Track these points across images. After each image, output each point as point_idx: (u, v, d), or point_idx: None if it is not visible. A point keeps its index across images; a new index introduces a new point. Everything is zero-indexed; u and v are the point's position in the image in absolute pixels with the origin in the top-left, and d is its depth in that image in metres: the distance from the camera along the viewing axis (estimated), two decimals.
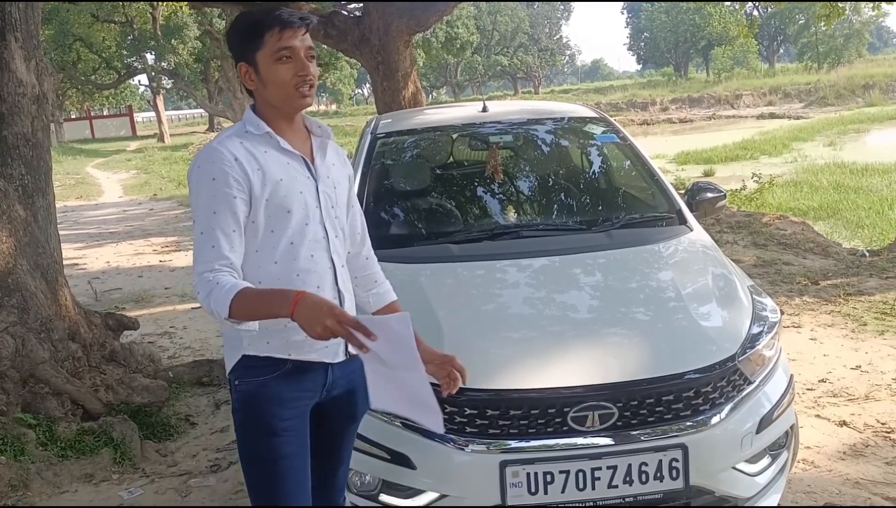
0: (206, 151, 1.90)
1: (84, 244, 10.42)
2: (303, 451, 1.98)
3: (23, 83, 4.12)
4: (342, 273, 2.02)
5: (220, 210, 1.84)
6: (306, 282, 1.92)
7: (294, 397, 1.94)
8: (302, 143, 2.01)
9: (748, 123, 29.99)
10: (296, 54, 1.89)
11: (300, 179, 1.95)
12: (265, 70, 1.90)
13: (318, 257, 1.95)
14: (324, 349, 1.95)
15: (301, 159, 1.97)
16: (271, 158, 1.92)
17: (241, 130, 1.95)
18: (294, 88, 1.90)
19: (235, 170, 1.85)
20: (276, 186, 1.89)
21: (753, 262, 6.82)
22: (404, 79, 8.63)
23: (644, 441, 2.33)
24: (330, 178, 2.02)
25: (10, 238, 3.89)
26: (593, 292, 2.91)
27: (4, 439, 3.61)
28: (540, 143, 4.29)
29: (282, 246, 1.91)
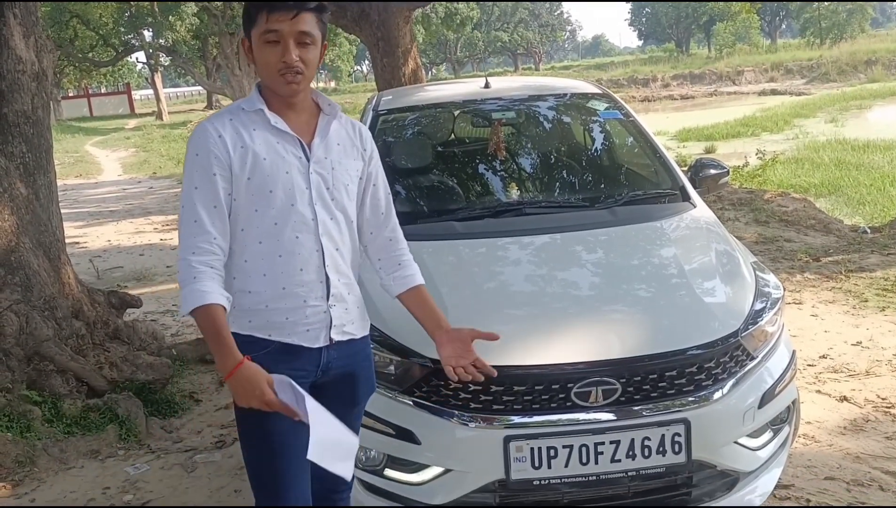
0: (196, 128, 1.93)
1: (84, 223, 10.42)
2: (297, 427, 1.94)
3: (22, 60, 4.09)
4: (334, 256, 1.99)
5: (201, 186, 1.87)
6: (289, 264, 1.93)
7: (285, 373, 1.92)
8: (306, 121, 1.98)
9: (750, 99, 29.86)
10: (283, 39, 1.86)
11: (288, 158, 1.92)
12: (256, 50, 1.91)
13: (303, 239, 1.94)
14: (304, 332, 1.97)
15: (294, 139, 1.94)
16: (259, 136, 1.91)
17: (237, 106, 1.97)
18: (277, 73, 1.88)
19: (218, 147, 1.87)
20: (259, 165, 1.89)
21: (755, 239, 6.83)
22: (404, 55, 8.58)
23: (647, 416, 2.35)
24: (328, 158, 1.98)
25: (12, 216, 3.89)
26: (596, 269, 2.91)
27: (10, 416, 3.64)
28: (542, 119, 4.28)
29: (265, 225, 1.91)
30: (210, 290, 1.81)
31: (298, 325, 1.95)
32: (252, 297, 1.94)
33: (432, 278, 2.75)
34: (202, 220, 1.85)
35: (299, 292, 1.95)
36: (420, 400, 2.42)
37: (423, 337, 2.44)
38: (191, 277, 1.82)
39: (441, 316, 2.19)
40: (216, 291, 1.83)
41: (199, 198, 1.86)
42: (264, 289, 1.93)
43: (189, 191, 1.87)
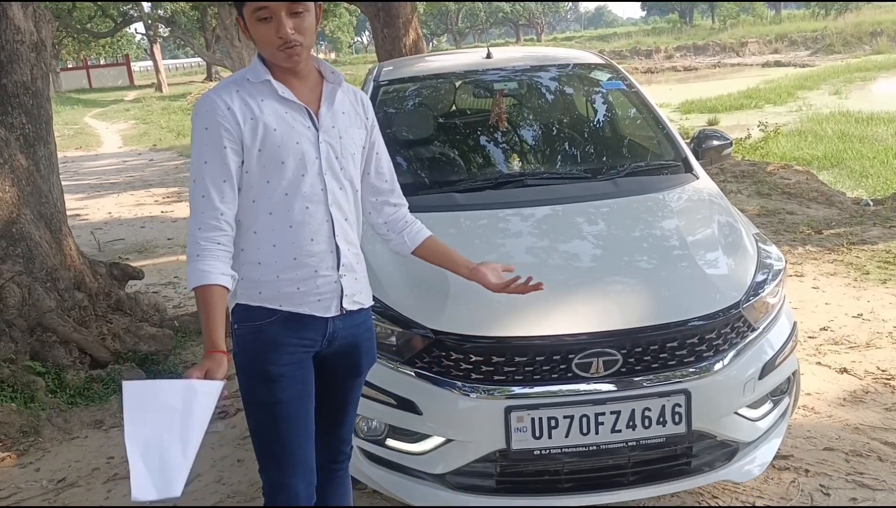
0: (202, 100, 1.89)
1: (85, 195, 10.41)
2: (302, 397, 2.00)
3: (21, 30, 4.06)
4: (343, 226, 1.99)
5: (210, 160, 1.85)
6: (300, 234, 1.92)
7: (292, 342, 1.96)
8: (310, 89, 1.96)
9: (753, 71, 29.61)
10: (275, 14, 1.82)
11: (298, 128, 1.91)
12: (251, 28, 1.88)
13: (313, 209, 1.93)
14: (316, 302, 1.97)
15: (302, 109, 1.93)
16: (267, 107, 1.89)
17: (242, 77, 1.93)
18: (277, 48, 1.85)
19: (227, 120, 1.85)
20: (269, 137, 1.87)
21: (757, 211, 6.81)
22: (405, 26, 8.51)
23: (647, 387, 2.36)
24: (336, 127, 1.97)
25: (12, 187, 3.89)
26: (598, 241, 2.91)
27: (14, 386, 3.67)
28: (545, 90, 4.24)
29: (276, 197, 1.90)
30: (210, 269, 1.82)
31: (309, 295, 1.96)
32: (262, 268, 1.93)
33: None
34: (210, 195, 1.84)
35: (310, 263, 1.95)
36: (421, 371, 2.43)
37: (424, 308, 2.46)
38: (195, 254, 1.83)
39: (463, 257, 2.28)
40: (217, 270, 1.83)
41: (209, 173, 1.85)
42: (275, 260, 1.93)
43: (199, 165, 1.86)
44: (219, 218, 1.85)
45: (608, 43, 47.29)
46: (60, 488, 3.22)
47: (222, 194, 1.85)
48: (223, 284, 1.83)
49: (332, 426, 2.18)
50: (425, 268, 2.63)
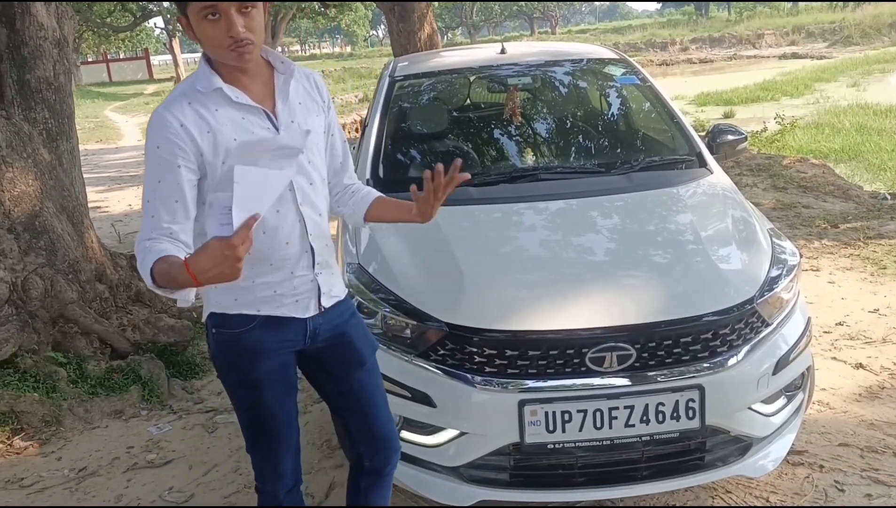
0: (154, 117, 1.78)
1: (105, 188, 10.50)
2: (284, 397, 2.01)
3: (44, 27, 4.11)
4: (316, 222, 1.94)
5: (164, 179, 1.75)
6: (274, 239, 1.87)
7: (273, 347, 1.94)
8: (263, 84, 1.87)
9: (770, 63, 29.38)
10: (223, 12, 1.71)
11: (258, 132, 1.83)
12: (196, 28, 1.75)
13: (284, 211, 1.87)
14: (293, 303, 1.94)
15: (258, 111, 1.84)
16: (223, 116, 1.79)
17: (191, 87, 1.81)
18: (224, 47, 1.74)
19: (181, 138, 1.74)
20: (230, 148, 1.78)
21: (773, 205, 6.78)
22: (420, 20, 8.53)
23: (661, 382, 2.37)
24: (295, 122, 1.89)
25: (36, 181, 3.95)
26: (611, 235, 2.92)
27: (37, 377, 3.73)
28: (559, 85, 4.26)
29: None
30: (161, 249, 1.66)
31: (287, 296, 1.93)
32: None
33: (447, 243, 2.77)
34: (160, 216, 1.74)
35: (286, 265, 1.91)
36: (436, 364, 2.45)
37: (438, 301, 2.48)
38: (142, 256, 1.68)
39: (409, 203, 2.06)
40: (169, 250, 1.67)
41: (161, 193, 1.74)
42: (251, 267, 1.84)
43: (152, 185, 1.76)
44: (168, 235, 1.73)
45: (623, 35, 47.02)
46: (81, 477, 3.28)
47: (173, 214, 1.75)
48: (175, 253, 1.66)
49: (370, 426, 2.16)
50: (440, 261, 2.66)
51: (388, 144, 3.60)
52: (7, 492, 3.20)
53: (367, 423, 2.15)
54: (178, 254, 1.66)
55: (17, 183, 3.85)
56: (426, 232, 2.88)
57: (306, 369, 2.09)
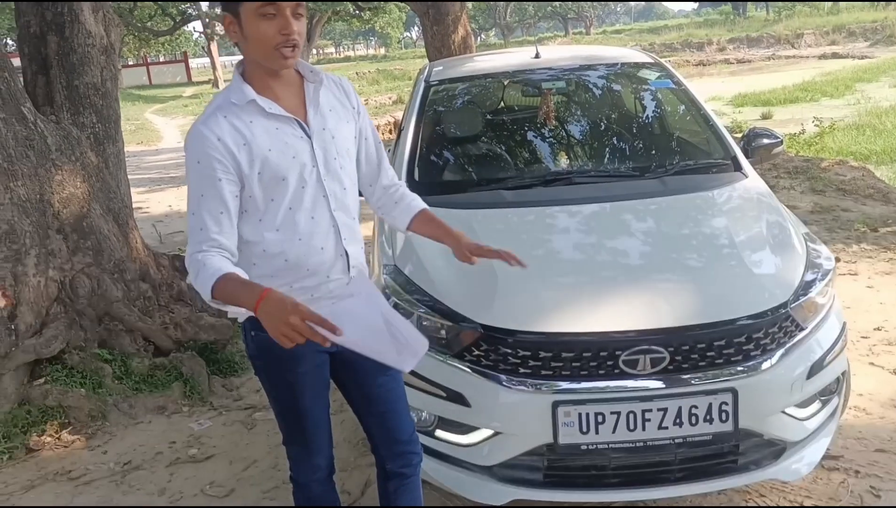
0: (192, 132, 1.85)
1: (146, 189, 10.71)
2: (319, 396, 2.09)
3: (92, 34, 4.25)
4: (350, 227, 2.01)
5: (206, 193, 1.82)
6: (310, 245, 1.93)
7: (309, 350, 1.94)
8: (294, 94, 1.94)
9: (809, 63, 28.87)
10: (281, 11, 1.78)
11: (291, 142, 1.89)
12: (248, 25, 1.81)
13: (318, 217, 1.94)
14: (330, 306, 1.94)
15: (291, 121, 1.90)
16: (258, 127, 1.86)
17: (226, 100, 1.88)
18: (274, 47, 1.81)
19: (219, 151, 1.81)
20: (266, 159, 1.85)
21: (811, 208, 6.71)
22: (454, 23, 8.57)
23: (695, 385, 2.38)
24: (326, 129, 1.95)
25: (83, 184, 4.08)
26: (646, 238, 2.93)
27: (84, 373, 3.85)
28: (593, 88, 4.28)
29: (281, 213, 1.90)
30: (220, 266, 1.76)
31: (323, 299, 1.97)
32: (275, 280, 1.92)
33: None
34: (208, 228, 1.82)
35: (322, 270, 1.97)
36: (470, 364, 2.48)
37: (473, 302, 2.52)
38: (196, 269, 1.78)
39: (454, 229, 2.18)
40: (227, 267, 1.77)
41: (206, 206, 1.82)
42: (288, 272, 1.94)
43: (196, 199, 1.84)
44: (217, 246, 1.82)
45: (659, 36, 46.57)
46: (126, 470, 3.39)
47: (220, 226, 1.83)
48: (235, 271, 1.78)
49: (388, 431, 2.21)
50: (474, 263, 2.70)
51: (424, 148, 3.65)
52: (56, 484, 3.32)
53: (387, 427, 2.21)
54: (235, 270, 1.76)
55: (66, 185, 3.98)
56: None
57: (333, 370, 2.15)
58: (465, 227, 2.95)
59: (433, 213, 2.25)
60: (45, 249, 3.91)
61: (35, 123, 3.91)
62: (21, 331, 3.76)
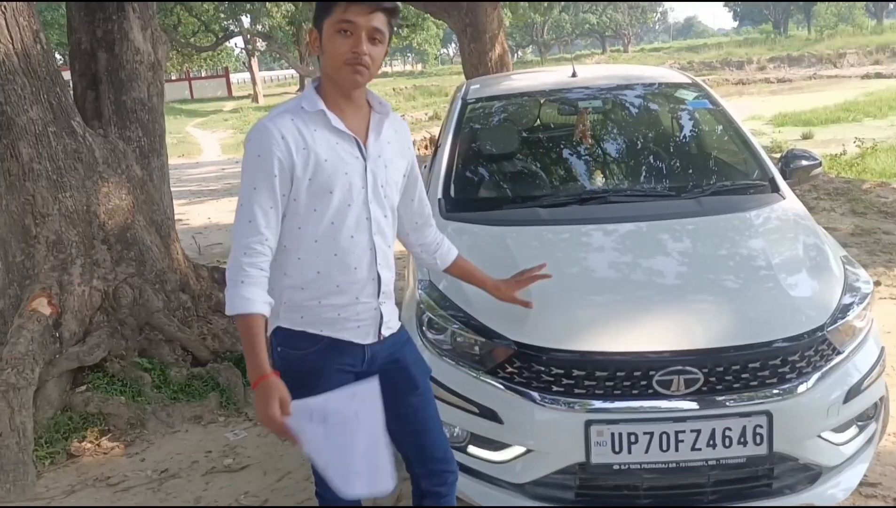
0: (257, 127, 1.93)
1: (187, 201, 10.89)
2: None
3: (140, 51, 4.39)
4: (385, 253, 2.05)
5: (259, 187, 1.88)
6: (344, 262, 1.97)
7: (334, 369, 2.03)
8: (360, 119, 2.01)
9: (852, 83, 28.40)
10: (356, 30, 1.87)
11: (347, 159, 1.95)
12: (326, 39, 1.91)
13: (358, 238, 1.98)
14: (355, 328, 2.04)
15: (352, 139, 1.97)
16: (320, 137, 1.93)
17: (297, 106, 1.96)
18: (344, 62, 1.88)
19: (280, 149, 1.88)
20: (320, 167, 1.91)
21: (851, 230, 6.61)
22: (491, 41, 8.63)
23: (729, 407, 2.37)
24: (382, 157, 2.02)
25: (128, 196, 4.19)
26: (681, 259, 2.93)
27: (124, 381, 3.94)
28: (629, 108, 4.28)
29: (323, 225, 1.94)
30: (254, 297, 1.84)
31: (350, 321, 2.02)
32: (305, 293, 1.98)
33: (516, 263, 2.82)
34: (257, 221, 1.87)
35: (352, 290, 2.00)
36: (504, 381, 2.50)
37: (506, 319, 2.54)
38: (238, 280, 1.85)
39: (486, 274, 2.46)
40: (259, 298, 1.85)
41: (257, 199, 1.88)
42: (318, 286, 1.98)
43: (248, 191, 1.89)
44: (263, 243, 1.88)
45: (698, 54, 46.25)
46: (163, 478, 3.45)
47: (268, 220, 1.89)
48: (264, 312, 1.87)
49: (423, 449, 2.23)
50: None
51: (460, 165, 3.69)
52: (95, 490, 3.40)
53: (420, 446, 2.23)
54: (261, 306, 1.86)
55: (111, 197, 4.10)
56: (495, 252, 2.96)
57: None
58: (499, 244, 3.00)
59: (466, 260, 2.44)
60: (91, 259, 4.02)
61: (84, 136, 4.04)
62: (65, 339, 3.86)
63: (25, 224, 3.89)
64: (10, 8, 3.66)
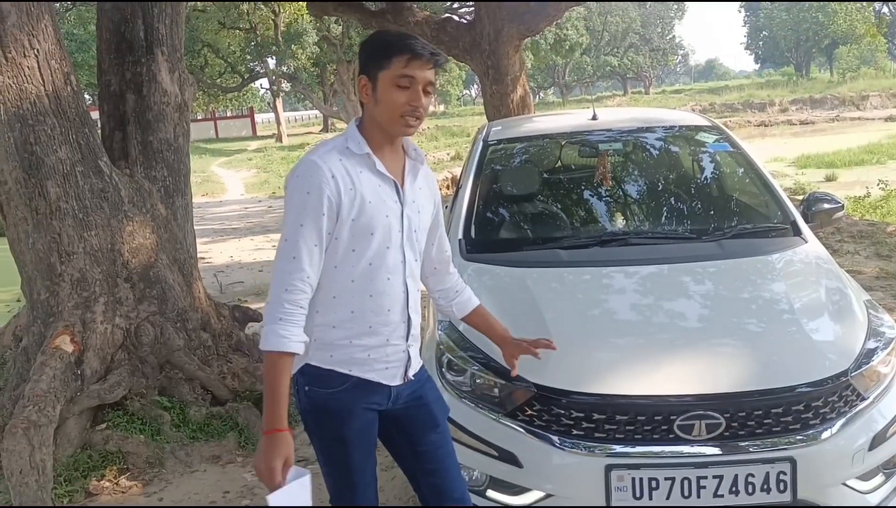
0: (306, 164, 1.94)
1: (209, 239, 11.01)
2: (368, 453, 2.11)
3: (167, 93, 4.49)
4: (416, 297, 2.08)
5: (306, 224, 1.89)
6: (379, 304, 2.00)
7: (362, 408, 2.04)
8: (396, 164, 2.05)
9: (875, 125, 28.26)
10: (414, 84, 1.92)
11: (388, 202, 1.99)
12: (382, 90, 1.94)
13: (394, 280, 2.01)
14: (384, 370, 2.05)
15: (392, 183, 2.01)
16: (365, 179, 1.96)
17: (343, 145, 1.99)
18: (401, 115, 1.93)
19: (330, 187, 1.90)
20: (364, 208, 1.94)
21: (875, 274, 6.52)
22: (513, 83, 8.71)
23: (752, 453, 2.34)
24: (416, 202, 2.07)
25: (152, 235, 4.25)
26: (703, 302, 2.91)
27: (143, 419, 3.95)
28: (650, 150, 4.30)
29: (361, 266, 1.97)
30: (290, 336, 1.85)
31: (378, 362, 2.03)
32: (337, 332, 2.00)
33: (536, 304, 2.83)
34: (301, 258, 1.88)
35: (384, 331, 2.02)
36: (523, 424, 2.48)
37: (526, 361, 2.52)
38: (277, 317, 1.86)
39: (504, 327, 2.38)
40: (295, 337, 1.87)
41: (304, 236, 1.89)
42: (351, 326, 2.00)
43: (294, 227, 1.90)
44: (305, 280, 1.89)
45: (719, 96, 46.31)
46: None
47: (311, 258, 1.90)
48: (297, 351, 1.88)
49: (440, 489, 2.22)
50: (529, 322, 2.71)
51: (481, 206, 3.71)
52: None
53: (438, 485, 2.21)
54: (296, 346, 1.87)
55: (135, 236, 4.16)
56: (516, 293, 2.96)
57: (383, 429, 2.17)
58: (520, 285, 3.01)
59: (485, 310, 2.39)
60: (114, 296, 4.07)
61: (111, 176, 4.12)
62: (87, 376, 3.89)
63: (51, 262, 3.95)
64: (43, 51, 3.77)
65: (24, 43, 3.69)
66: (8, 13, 3.63)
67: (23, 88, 3.71)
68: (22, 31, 3.68)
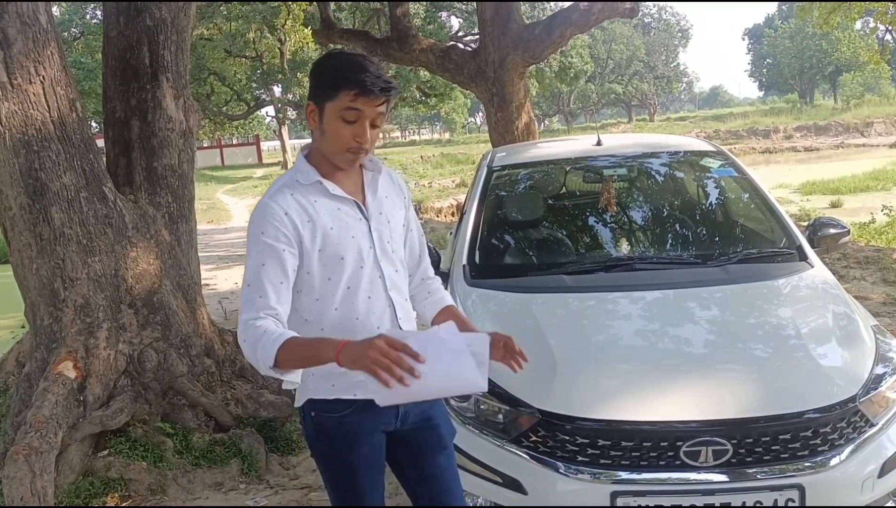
0: (260, 206, 1.91)
1: (214, 266, 11.02)
2: (376, 477, 2.08)
3: (172, 119, 4.51)
4: (404, 307, 2.05)
5: (268, 263, 1.85)
6: (367, 324, 1.95)
7: (369, 430, 2.01)
8: (354, 180, 2.01)
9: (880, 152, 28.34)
10: (361, 119, 1.86)
11: (351, 223, 1.96)
12: (328, 121, 1.88)
13: (375, 297, 1.98)
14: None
15: (352, 203, 1.98)
16: (321, 206, 1.93)
17: (292, 179, 1.95)
18: (345, 148, 1.89)
19: (285, 225, 1.86)
20: (327, 236, 1.91)
21: (882, 299, 6.48)
22: (518, 110, 8.76)
23: (759, 480, 2.31)
24: (382, 213, 2.03)
25: (156, 261, 4.25)
26: (709, 327, 2.90)
27: (146, 446, 3.92)
28: (654, 176, 4.30)
29: (340, 292, 1.94)
30: (283, 332, 1.79)
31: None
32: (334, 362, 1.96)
33: (542, 330, 2.81)
34: (267, 296, 1.83)
35: None
36: (528, 450, 2.46)
37: (531, 387, 2.51)
38: (255, 336, 1.78)
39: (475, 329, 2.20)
40: (289, 332, 1.80)
41: (266, 275, 1.84)
42: None
43: (255, 269, 1.85)
44: (274, 315, 1.82)
45: (724, 123, 46.52)
46: None
47: (279, 296, 1.84)
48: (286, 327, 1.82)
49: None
50: (533, 347, 2.69)
51: (485, 231, 3.71)
52: None
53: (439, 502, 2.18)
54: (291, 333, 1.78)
55: (139, 262, 4.16)
56: (520, 318, 2.95)
57: (390, 450, 2.15)
58: (524, 311, 3.00)
59: (459, 310, 2.28)
60: (117, 323, 4.06)
61: (115, 201, 4.13)
62: (89, 402, 3.87)
63: (54, 288, 3.95)
64: (49, 77, 3.80)
65: (29, 69, 3.72)
66: (14, 40, 3.66)
67: (28, 114, 3.74)
68: (28, 57, 3.71)
